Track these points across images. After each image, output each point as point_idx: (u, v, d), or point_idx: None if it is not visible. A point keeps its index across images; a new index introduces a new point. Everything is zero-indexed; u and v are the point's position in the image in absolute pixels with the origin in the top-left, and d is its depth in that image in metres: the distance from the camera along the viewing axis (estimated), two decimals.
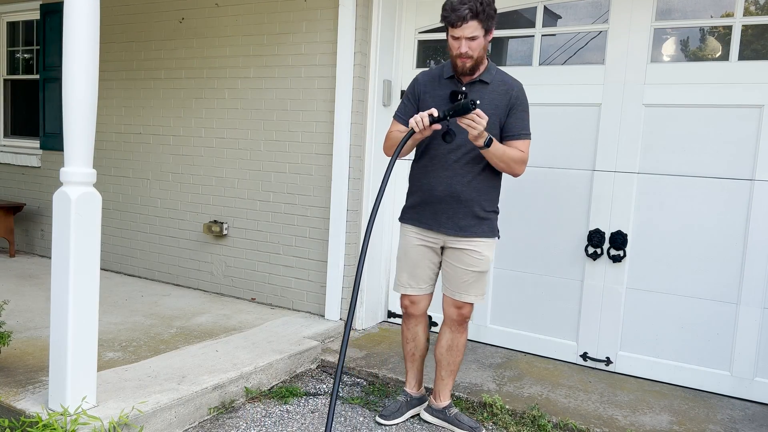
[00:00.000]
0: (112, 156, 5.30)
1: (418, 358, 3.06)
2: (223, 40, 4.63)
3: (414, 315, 2.98)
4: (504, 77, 2.74)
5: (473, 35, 2.56)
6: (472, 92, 2.66)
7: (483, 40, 2.60)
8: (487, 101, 2.65)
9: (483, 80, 2.69)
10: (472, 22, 2.54)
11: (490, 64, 2.74)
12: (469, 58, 2.61)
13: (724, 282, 3.37)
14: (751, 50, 3.28)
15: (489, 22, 2.58)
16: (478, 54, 2.61)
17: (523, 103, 2.72)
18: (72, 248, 2.44)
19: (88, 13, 2.43)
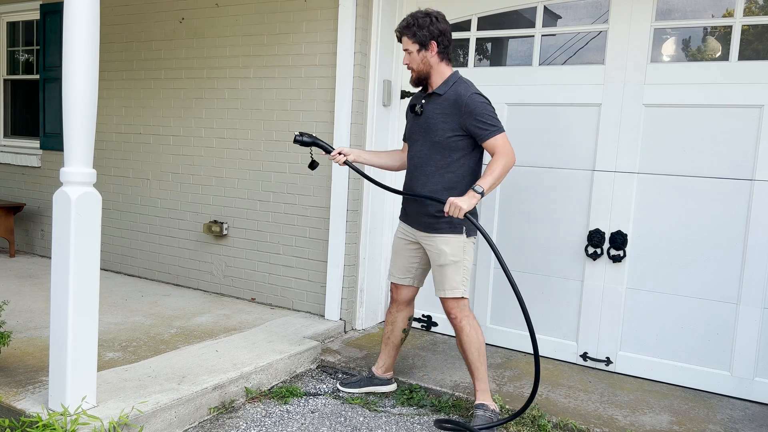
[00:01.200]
0: (112, 156, 5.30)
1: (391, 343, 3.31)
2: (223, 40, 4.63)
3: (395, 301, 3.27)
4: (459, 89, 2.89)
5: (406, 48, 2.91)
6: (428, 104, 2.96)
7: (418, 55, 2.90)
8: (438, 111, 2.92)
9: (437, 92, 2.95)
10: (404, 38, 2.90)
11: (452, 77, 2.95)
12: (411, 70, 2.96)
13: (724, 282, 3.37)
14: (751, 50, 3.28)
15: (420, 37, 2.86)
16: (417, 67, 2.92)
17: (475, 107, 2.84)
18: (72, 248, 2.44)
19: (88, 13, 2.43)
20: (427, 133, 2.95)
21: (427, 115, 2.95)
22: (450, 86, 2.91)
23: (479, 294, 4.05)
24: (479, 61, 4.09)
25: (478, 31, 4.01)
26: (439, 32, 2.87)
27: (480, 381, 2.98)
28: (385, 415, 3.11)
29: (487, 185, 2.75)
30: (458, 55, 4.15)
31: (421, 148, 2.98)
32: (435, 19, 2.87)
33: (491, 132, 2.82)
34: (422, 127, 2.97)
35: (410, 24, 2.87)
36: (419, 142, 2.99)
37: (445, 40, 2.91)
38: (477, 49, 4.05)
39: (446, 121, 2.89)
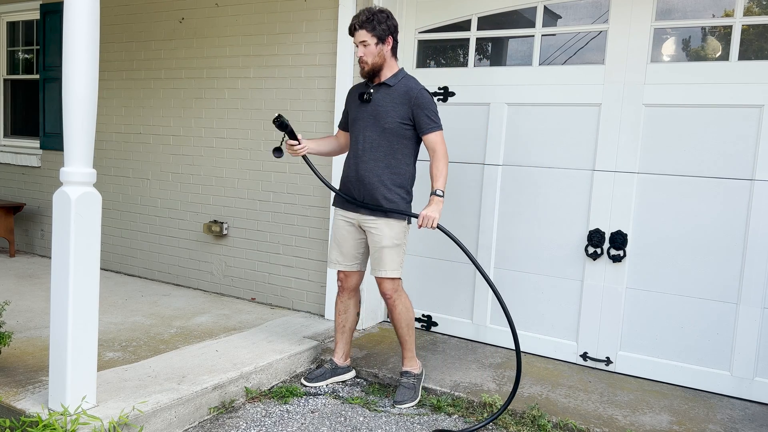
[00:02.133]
0: (112, 156, 5.30)
1: (347, 330, 3.45)
2: (223, 40, 4.63)
3: (346, 289, 3.38)
4: (410, 83, 3.12)
5: (363, 40, 3.04)
6: (377, 93, 3.13)
7: (375, 48, 3.05)
8: (388, 100, 3.11)
9: (386, 83, 3.12)
10: (361, 30, 3.03)
11: (400, 72, 3.16)
12: (365, 63, 3.08)
13: (724, 282, 3.37)
14: (751, 50, 3.28)
15: (380, 31, 3.03)
16: (372, 60, 3.07)
17: (424, 101, 3.08)
18: (72, 248, 2.44)
19: (88, 13, 2.43)
20: (377, 120, 3.12)
21: (377, 103, 3.12)
22: (399, 79, 3.13)
23: (479, 294, 4.06)
24: (479, 61, 4.09)
25: (478, 31, 4.01)
26: (394, 27, 3.11)
27: (408, 350, 3.31)
28: (385, 415, 3.11)
29: (443, 185, 3.07)
30: (458, 55, 4.15)
31: (370, 134, 3.13)
32: (390, 16, 3.09)
33: (434, 127, 3.09)
34: (371, 113, 3.13)
35: (370, 18, 3.03)
36: (368, 129, 3.14)
37: (397, 36, 3.14)
38: (477, 49, 4.05)
39: (396, 109, 3.08)
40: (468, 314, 4.11)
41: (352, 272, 3.35)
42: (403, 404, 3.18)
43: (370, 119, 3.13)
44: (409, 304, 3.31)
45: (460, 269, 4.12)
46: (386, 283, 3.20)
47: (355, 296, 3.44)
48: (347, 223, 3.27)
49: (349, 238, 3.28)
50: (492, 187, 3.96)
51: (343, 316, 3.43)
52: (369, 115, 3.14)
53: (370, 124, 3.13)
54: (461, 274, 4.12)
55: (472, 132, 4.01)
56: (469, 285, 4.09)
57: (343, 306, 3.42)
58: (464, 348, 3.96)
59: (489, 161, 3.96)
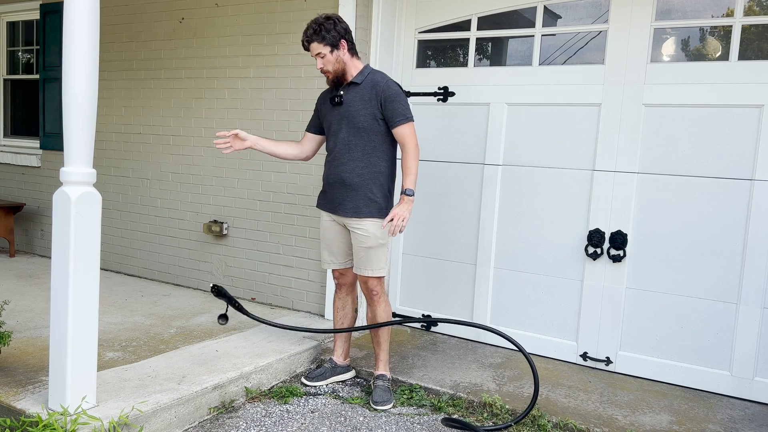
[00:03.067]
0: (112, 156, 5.30)
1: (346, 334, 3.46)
2: (223, 40, 4.63)
3: (343, 285, 3.41)
4: (376, 77, 3.11)
5: (318, 52, 3.04)
6: (347, 93, 3.12)
7: (332, 56, 3.05)
8: (357, 98, 3.09)
9: (354, 82, 3.12)
10: (313, 43, 3.04)
11: (366, 68, 3.15)
12: (327, 72, 3.09)
13: (724, 282, 3.37)
14: (751, 50, 3.28)
15: (330, 39, 3.01)
16: (333, 67, 3.07)
17: (391, 93, 3.06)
18: (72, 248, 2.44)
19: (88, 13, 2.43)
20: (350, 121, 3.11)
21: (348, 104, 3.11)
22: (366, 75, 3.12)
23: (479, 294, 4.06)
24: (479, 61, 4.09)
25: (478, 31, 4.01)
26: (345, 30, 3.07)
27: (383, 352, 3.30)
28: (385, 415, 3.11)
29: (412, 184, 3.05)
30: (458, 55, 4.15)
31: (345, 135, 3.13)
32: (338, 21, 3.06)
33: (404, 119, 3.06)
34: (344, 115, 3.13)
35: (317, 30, 3.01)
36: (342, 131, 3.14)
37: (351, 36, 3.12)
38: (477, 49, 4.05)
39: (366, 106, 3.07)
40: (468, 314, 4.11)
41: (347, 269, 3.37)
42: (385, 405, 3.16)
43: (343, 121, 3.13)
44: (389, 306, 3.32)
45: (460, 269, 4.12)
46: (372, 281, 3.20)
47: (352, 293, 3.45)
48: (334, 224, 3.29)
49: (338, 237, 3.30)
50: (492, 187, 3.96)
51: (341, 313, 3.44)
52: (342, 117, 3.13)
53: (344, 126, 3.12)
54: (461, 274, 4.12)
55: (472, 132, 4.02)
56: (469, 285, 4.09)
57: (340, 303, 3.44)
58: (464, 348, 3.96)
59: (489, 161, 3.96)
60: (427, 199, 4.14)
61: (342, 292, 3.43)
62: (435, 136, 4.14)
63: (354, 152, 3.12)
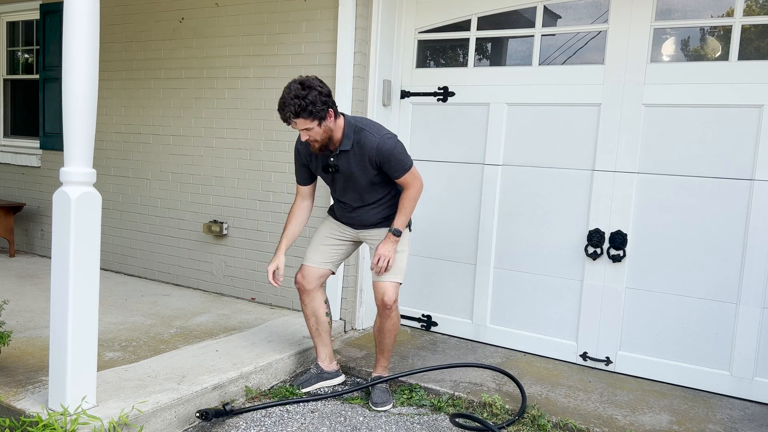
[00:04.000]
0: (112, 156, 5.30)
1: (323, 332, 3.37)
2: (223, 40, 4.63)
3: (307, 290, 3.25)
4: (362, 137, 2.94)
5: (306, 127, 2.83)
6: (339, 160, 3.00)
7: (320, 128, 2.84)
8: (353, 164, 2.99)
9: (343, 150, 2.97)
10: (298, 119, 2.80)
11: (347, 127, 2.95)
12: (314, 141, 2.90)
13: (724, 282, 3.37)
14: (751, 50, 3.28)
15: (318, 113, 2.79)
16: (321, 137, 2.88)
17: (384, 155, 2.94)
18: (72, 248, 2.44)
19: (88, 13, 2.43)
20: (354, 182, 3.05)
21: (344, 169, 3.02)
22: (352, 139, 2.95)
23: (479, 294, 4.06)
24: (479, 61, 4.09)
25: (478, 31, 4.01)
26: (328, 96, 2.82)
27: (385, 358, 3.30)
28: (385, 415, 3.11)
29: (402, 225, 3.06)
30: (458, 55, 4.16)
31: (353, 194, 3.09)
32: (318, 87, 2.79)
33: (403, 171, 2.99)
34: (344, 178, 3.05)
35: (304, 106, 2.74)
36: (349, 191, 3.09)
37: (331, 99, 2.85)
38: (477, 49, 4.05)
39: (365, 171, 2.99)
40: (468, 314, 4.11)
41: (315, 269, 3.22)
42: (384, 405, 3.16)
43: (346, 182, 3.06)
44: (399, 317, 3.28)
45: (460, 269, 4.12)
46: (392, 287, 3.10)
47: (318, 296, 3.28)
48: (339, 236, 3.27)
49: (339, 245, 3.27)
50: (492, 187, 3.96)
51: (313, 320, 3.32)
52: (343, 180, 3.05)
53: (349, 187, 3.07)
54: (461, 274, 4.12)
55: (472, 132, 4.02)
56: (469, 285, 4.10)
57: (309, 311, 3.30)
58: (464, 348, 3.96)
59: (489, 161, 3.97)
60: (427, 199, 4.13)
61: (306, 298, 3.27)
62: (435, 136, 4.14)
63: (371, 205, 3.12)
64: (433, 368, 3.49)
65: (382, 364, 3.31)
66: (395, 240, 3.05)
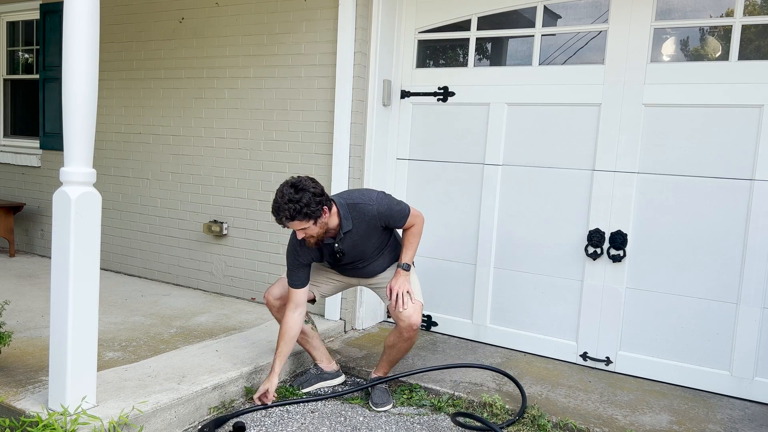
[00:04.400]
0: (112, 156, 5.30)
1: (311, 339, 3.37)
2: (223, 40, 4.63)
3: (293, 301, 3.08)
4: (359, 211, 2.93)
5: (302, 228, 2.81)
6: (345, 244, 2.99)
7: (316, 226, 2.82)
8: (357, 239, 2.99)
9: (346, 232, 2.96)
10: (294, 222, 2.78)
11: (342, 210, 2.92)
12: (310, 238, 2.88)
13: (724, 282, 3.37)
14: (751, 50, 3.28)
15: (313, 214, 2.76)
16: (317, 233, 2.86)
17: (387, 214, 2.98)
18: (72, 248, 2.44)
19: (88, 13, 2.43)
20: (364, 251, 3.08)
21: (351, 248, 3.02)
22: (350, 220, 2.93)
23: (479, 294, 4.06)
24: (479, 61, 4.09)
25: (478, 31, 4.01)
26: (320, 195, 2.78)
27: (389, 364, 3.28)
28: (385, 415, 3.11)
29: (410, 259, 3.09)
30: (458, 55, 4.15)
31: (363, 261, 3.13)
32: (312, 189, 2.75)
33: (405, 219, 3.05)
34: (354, 256, 3.08)
35: (298, 209, 2.71)
36: (360, 260, 3.12)
37: (324, 197, 2.81)
38: (477, 49, 4.05)
39: (371, 236, 3.03)
40: (468, 314, 4.11)
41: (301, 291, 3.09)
42: (385, 406, 3.16)
43: (356, 255, 3.08)
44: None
45: (460, 269, 4.12)
46: (418, 312, 3.02)
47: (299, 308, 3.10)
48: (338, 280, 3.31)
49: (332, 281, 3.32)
50: (492, 187, 3.96)
51: (301, 337, 3.28)
52: (353, 258, 3.08)
53: (359, 256, 3.10)
54: (461, 274, 4.12)
55: (472, 132, 4.02)
56: (469, 285, 4.10)
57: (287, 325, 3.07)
58: (464, 348, 3.96)
59: (489, 161, 3.97)
60: (427, 199, 4.14)
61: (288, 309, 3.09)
62: (435, 136, 4.14)
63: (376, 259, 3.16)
64: (433, 368, 3.49)
65: (383, 368, 3.31)
66: (406, 275, 3.05)
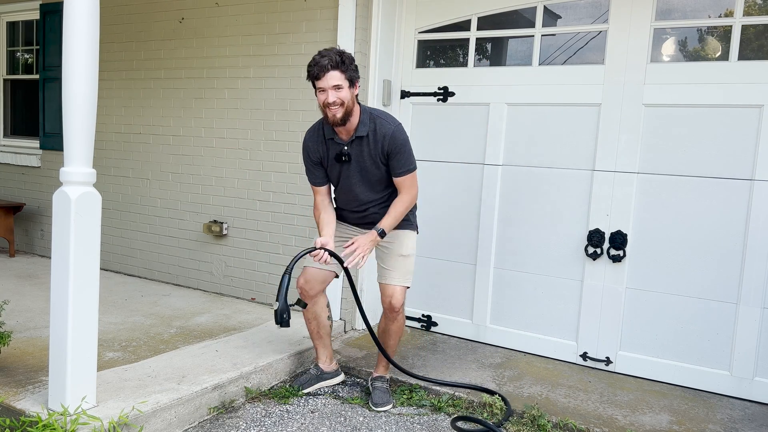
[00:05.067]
0: (112, 156, 5.30)
1: (324, 335, 3.37)
2: (223, 40, 4.63)
3: (310, 295, 3.18)
4: (377, 124, 2.93)
5: (337, 84, 2.78)
6: (353, 148, 2.97)
7: (348, 92, 2.82)
8: (366, 154, 2.96)
9: (359, 136, 2.94)
10: (334, 72, 2.77)
11: (363, 113, 2.94)
12: (339, 106, 2.82)
13: (724, 282, 3.37)
14: (751, 50, 3.28)
15: (351, 74, 2.82)
16: (346, 102, 2.82)
17: (397, 145, 2.93)
18: (72, 248, 2.44)
19: (88, 13, 2.43)
20: (363, 175, 3.03)
21: (357, 160, 3.00)
22: (368, 125, 2.93)
23: (479, 294, 4.06)
24: (479, 61, 4.09)
25: (478, 31, 4.01)
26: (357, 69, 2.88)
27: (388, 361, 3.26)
28: (385, 415, 3.11)
29: (389, 227, 2.99)
30: (458, 55, 4.16)
31: (363, 189, 3.05)
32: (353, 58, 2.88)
33: (405, 171, 2.98)
34: (355, 171, 3.02)
35: (342, 60, 2.78)
36: (358, 185, 3.05)
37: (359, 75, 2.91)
38: (477, 49, 4.05)
39: (376, 161, 2.98)
40: (468, 314, 4.11)
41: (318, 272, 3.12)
42: (385, 406, 3.15)
43: (356, 176, 3.02)
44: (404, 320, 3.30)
45: (461, 269, 4.12)
46: (400, 291, 3.11)
47: (320, 300, 3.25)
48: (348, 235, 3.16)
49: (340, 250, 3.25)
50: (492, 187, 3.96)
51: (314, 324, 3.31)
52: (354, 172, 3.02)
53: (359, 181, 3.03)
54: (461, 274, 4.12)
55: (472, 132, 4.02)
56: (469, 285, 4.09)
57: (311, 313, 3.25)
58: (464, 348, 3.96)
59: (489, 161, 3.97)
60: (427, 199, 4.14)
61: (309, 302, 3.20)
62: (435, 136, 4.14)
63: (377, 201, 3.09)
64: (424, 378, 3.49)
65: (383, 365, 3.31)
66: (376, 239, 2.96)
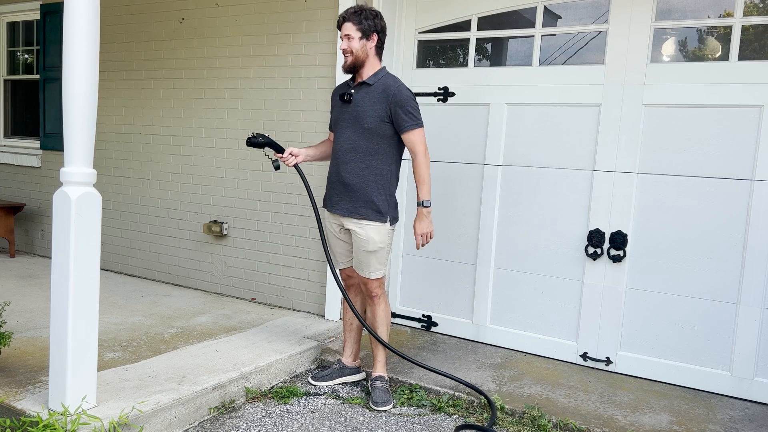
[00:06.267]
0: (112, 156, 5.30)
1: (355, 328, 3.43)
2: (223, 40, 4.64)
3: (354, 286, 3.37)
4: (388, 81, 3.10)
5: (347, 33, 3.05)
6: (357, 93, 3.12)
7: (359, 43, 3.05)
8: (367, 99, 3.09)
9: (366, 83, 3.11)
10: (347, 23, 3.05)
11: (381, 70, 3.15)
12: (349, 54, 3.07)
13: (724, 282, 3.37)
14: (751, 50, 3.28)
15: (365, 26, 3.05)
16: (356, 52, 3.06)
17: (402, 98, 3.05)
18: (72, 248, 2.44)
19: (88, 13, 2.44)
20: (357, 120, 3.10)
21: (357, 103, 3.11)
22: (379, 78, 3.11)
23: (479, 294, 4.06)
24: (479, 61, 4.09)
25: (478, 31, 4.01)
26: (382, 28, 3.12)
27: (381, 353, 3.30)
28: (385, 415, 3.11)
29: (427, 194, 3.09)
30: (458, 56, 4.15)
31: (350, 134, 3.12)
32: (378, 16, 3.11)
33: (413, 124, 3.06)
34: (351, 114, 3.12)
35: (358, 12, 3.05)
36: (349, 129, 3.13)
37: (384, 36, 3.15)
38: (477, 49, 4.05)
39: (374, 108, 3.06)
40: (468, 314, 4.11)
41: (344, 272, 3.36)
42: (385, 406, 3.15)
43: (350, 120, 3.12)
44: (389, 306, 3.32)
45: (460, 269, 4.12)
46: (372, 282, 3.20)
47: (361, 292, 3.38)
48: (334, 225, 3.26)
49: (334, 239, 3.29)
50: (492, 187, 3.96)
51: (350, 313, 3.40)
52: (349, 116, 3.12)
53: (351, 125, 3.12)
54: (461, 274, 4.12)
55: (472, 132, 4.02)
56: (469, 285, 4.10)
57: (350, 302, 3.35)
58: (464, 348, 3.96)
59: (489, 161, 3.97)
60: None
61: (351, 291, 3.40)
62: (435, 137, 4.14)
63: (357, 152, 3.11)
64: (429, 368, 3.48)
65: (380, 360, 3.30)
66: (428, 212, 3.09)
